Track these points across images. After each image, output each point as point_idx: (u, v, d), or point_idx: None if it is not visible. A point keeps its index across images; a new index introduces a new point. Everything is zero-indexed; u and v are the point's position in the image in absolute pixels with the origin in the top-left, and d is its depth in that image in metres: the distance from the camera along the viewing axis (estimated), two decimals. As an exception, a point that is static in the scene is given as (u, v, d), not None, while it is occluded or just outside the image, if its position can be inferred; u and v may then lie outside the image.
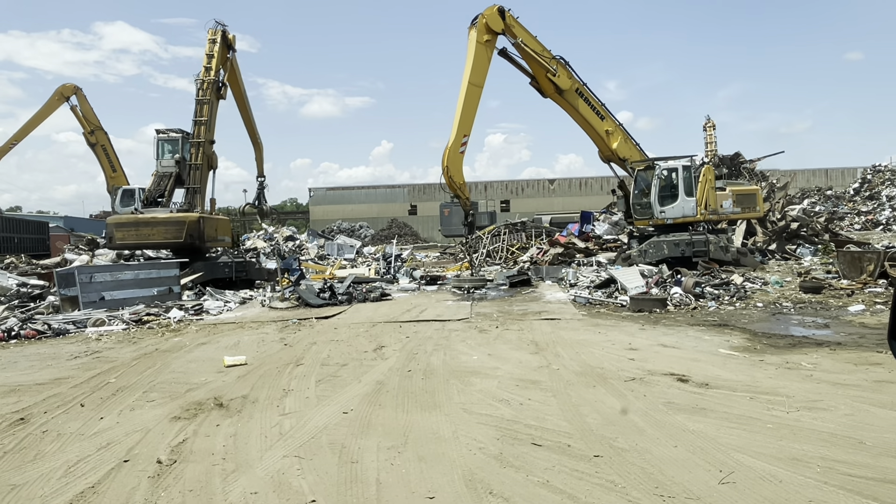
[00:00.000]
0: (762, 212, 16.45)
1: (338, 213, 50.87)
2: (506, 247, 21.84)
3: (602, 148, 15.23)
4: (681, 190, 14.52)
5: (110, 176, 24.84)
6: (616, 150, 14.97)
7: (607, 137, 14.96)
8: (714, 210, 14.77)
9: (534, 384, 5.54)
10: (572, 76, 14.61)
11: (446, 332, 8.61)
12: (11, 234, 26.89)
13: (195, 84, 16.30)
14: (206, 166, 16.26)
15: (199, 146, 15.99)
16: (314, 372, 6.30)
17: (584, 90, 14.81)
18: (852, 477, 3.31)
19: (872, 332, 7.46)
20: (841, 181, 46.42)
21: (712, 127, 38.75)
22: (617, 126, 15.07)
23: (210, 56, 16.47)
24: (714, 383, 5.34)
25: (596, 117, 14.93)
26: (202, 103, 16.12)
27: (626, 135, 15.18)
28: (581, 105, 14.77)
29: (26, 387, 6.07)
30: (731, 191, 15.33)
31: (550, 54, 14.40)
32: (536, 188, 52.96)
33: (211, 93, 16.19)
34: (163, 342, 8.57)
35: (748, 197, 15.58)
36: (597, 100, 14.96)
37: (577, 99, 14.74)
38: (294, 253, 24.57)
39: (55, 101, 24.12)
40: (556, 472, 3.54)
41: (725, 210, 15.13)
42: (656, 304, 10.09)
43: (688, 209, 14.51)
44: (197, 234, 15.09)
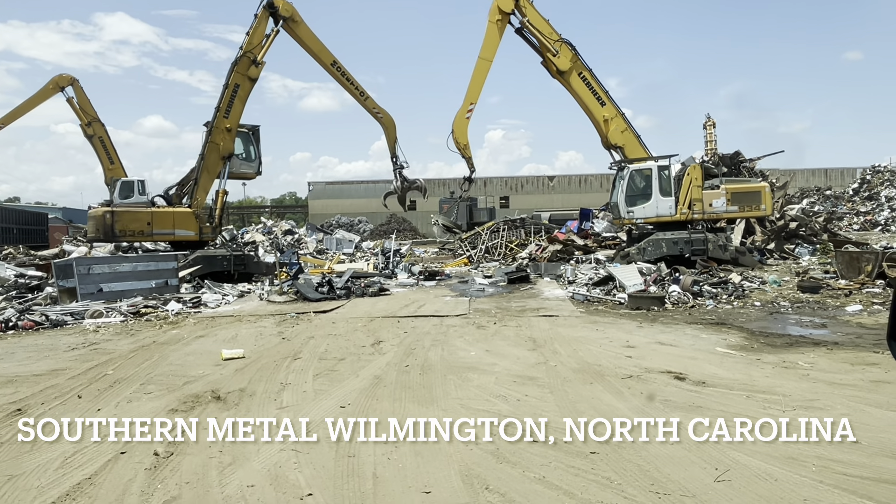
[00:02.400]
0: (769, 210, 15.73)
1: (337, 208, 50.75)
2: (505, 243, 21.85)
3: (601, 135, 15.65)
4: (655, 189, 14.75)
5: (108, 168, 24.77)
6: (609, 136, 15.31)
7: (605, 125, 15.30)
8: (701, 209, 14.83)
9: (531, 381, 5.55)
10: (575, 59, 15.11)
11: (444, 327, 8.61)
12: (10, 224, 26.86)
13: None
14: (216, 155, 15.89)
15: (208, 133, 15.75)
16: (312, 366, 6.30)
17: (588, 74, 15.23)
18: (848, 476, 3.33)
19: (869, 333, 7.48)
20: (840, 181, 46.44)
21: (712, 125, 37.95)
22: (617, 114, 15.29)
23: (246, 34, 15.81)
24: (711, 381, 5.35)
25: (595, 102, 15.28)
26: (225, 87, 15.76)
27: (627, 125, 15.35)
28: (581, 88, 15.25)
29: (23, 378, 6.06)
30: (727, 189, 14.99)
31: (557, 36, 15.07)
32: (536, 185, 52.91)
33: (232, 74, 15.71)
34: (160, 334, 8.57)
35: (749, 195, 15.17)
36: (600, 86, 15.28)
37: (578, 81, 15.26)
38: (292, 247, 24.57)
39: (49, 89, 23.97)
40: (552, 468, 3.55)
41: (716, 209, 14.91)
42: (654, 302, 10.10)
43: (663, 209, 14.74)
44: (104, 230, 15.64)
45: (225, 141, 15.98)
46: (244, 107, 16.21)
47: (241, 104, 15.99)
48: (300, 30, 16.21)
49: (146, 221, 15.95)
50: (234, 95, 15.81)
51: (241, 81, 15.87)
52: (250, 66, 15.84)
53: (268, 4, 15.66)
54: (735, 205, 14.84)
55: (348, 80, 16.99)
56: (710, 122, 37.41)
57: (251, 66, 15.85)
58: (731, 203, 14.84)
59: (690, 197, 14.67)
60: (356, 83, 17.18)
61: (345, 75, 16.86)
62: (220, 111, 15.75)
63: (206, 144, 15.84)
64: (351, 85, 17.06)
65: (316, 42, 16.44)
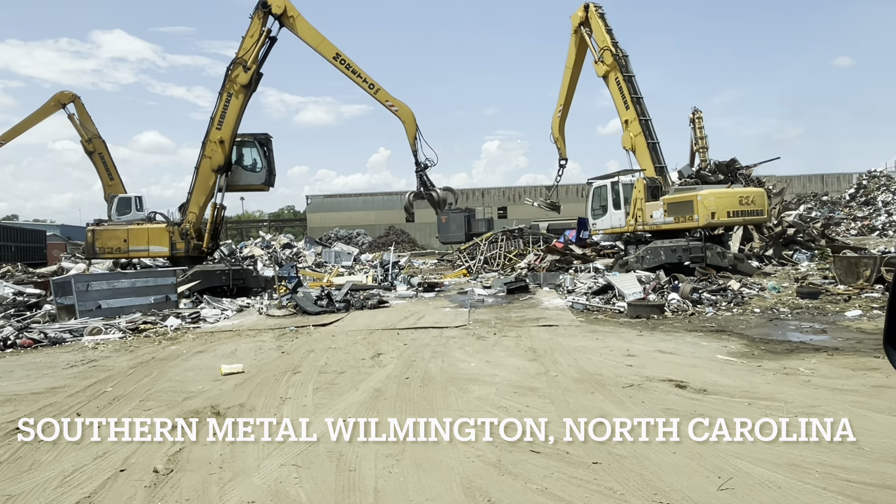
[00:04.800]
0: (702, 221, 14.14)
1: (335, 221, 50.80)
2: (503, 253, 21.87)
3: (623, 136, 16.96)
4: (609, 203, 16.54)
5: (107, 184, 24.85)
6: (623, 137, 16.43)
7: (624, 126, 16.35)
8: (643, 221, 15.67)
9: (532, 391, 5.53)
10: (614, 66, 16.30)
11: (444, 339, 8.59)
12: (8, 242, 26.82)
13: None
14: (208, 167, 15.52)
15: (202, 146, 15.48)
16: (312, 380, 6.28)
17: (622, 79, 16.28)
18: (851, 482, 3.31)
19: (870, 337, 7.47)
20: (836, 186, 46.60)
21: (700, 119, 33.58)
22: (635, 119, 15.96)
23: (242, 37, 15.18)
24: (712, 389, 5.34)
25: (622, 105, 16.39)
26: (218, 96, 15.34)
27: (642, 131, 15.92)
28: (614, 90, 16.55)
29: (22, 396, 6.03)
30: (664, 200, 15.13)
31: (607, 45, 16.36)
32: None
33: (224, 83, 15.28)
34: (160, 350, 8.54)
35: (682, 206, 14.63)
36: (630, 91, 16.28)
37: (612, 84, 16.62)
38: (291, 260, 24.55)
39: (51, 106, 24.09)
40: (554, 479, 3.53)
41: (656, 220, 15.22)
42: (654, 311, 10.10)
43: (615, 221, 16.35)
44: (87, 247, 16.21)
45: (215, 154, 15.47)
46: (240, 117, 15.64)
47: (234, 114, 15.42)
48: (297, 25, 15.27)
49: (123, 238, 15.91)
50: (227, 105, 15.34)
51: (232, 89, 15.32)
52: (240, 71, 15.22)
53: (261, 3, 15.08)
54: (671, 216, 14.83)
55: (354, 73, 15.47)
56: (696, 116, 33.65)
57: (241, 72, 15.23)
58: (667, 214, 14.94)
59: (635, 209, 15.74)
60: (364, 75, 15.48)
61: (350, 68, 15.41)
62: (213, 122, 15.38)
63: (200, 158, 15.63)
64: (358, 77, 15.49)
65: (315, 36, 15.38)
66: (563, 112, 19.22)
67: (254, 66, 15.35)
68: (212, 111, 15.57)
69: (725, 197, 14.39)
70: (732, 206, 14.27)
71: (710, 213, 13.98)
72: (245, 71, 15.26)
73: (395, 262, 19.50)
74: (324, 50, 15.37)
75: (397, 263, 20.51)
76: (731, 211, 14.17)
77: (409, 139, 15.93)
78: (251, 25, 15.26)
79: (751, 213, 14.56)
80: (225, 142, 15.49)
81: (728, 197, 14.40)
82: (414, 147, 15.98)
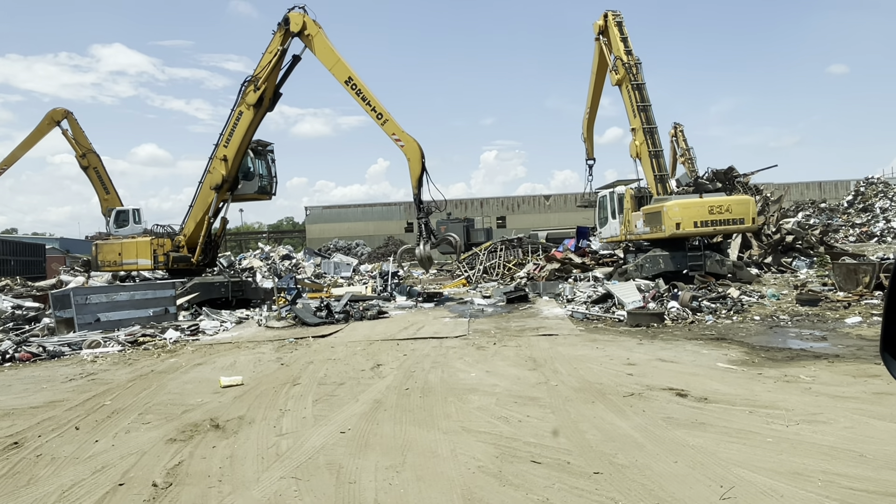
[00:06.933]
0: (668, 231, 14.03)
1: (334, 232, 50.89)
2: (502, 263, 21.87)
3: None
4: (609, 213, 17.32)
5: (104, 198, 24.90)
6: (630, 145, 16.38)
7: (632, 135, 16.35)
8: (628, 230, 16.15)
9: (532, 401, 5.51)
10: (625, 75, 16.21)
11: (444, 349, 8.57)
12: (7, 256, 26.78)
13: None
14: (209, 182, 15.51)
15: (209, 160, 15.48)
16: (311, 391, 6.26)
17: (631, 89, 16.23)
18: (854, 490, 3.30)
19: (870, 344, 7.47)
20: (834, 194, 46.75)
21: (681, 132, 32.89)
22: (641, 128, 15.88)
23: (262, 53, 14.92)
24: (713, 397, 5.33)
25: (630, 113, 16.31)
26: (230, 114, 15.22)
27: (645, 140, 15.76)
28: (626, 98, 16.41)
29: (20, 410, 6.00)
30: (644, 210, 15.29)
31: (621, 52, 16.34)
32: (532, 204, 53.21)
33: (237, 100, 15.08)
34: (158, 363, 8.51)
35: (653, 216, 14.68)
36: (640, 100, 16.15)
37: (624, 93, 16.47)
38: (290, 272, 24.53)
39: (46, 125, 24.21)
40: (555, 489, 3.51)
41: (639, 230, 15.45)
42: (653, 319, 10.09)
43: (614, 230, 16.99)
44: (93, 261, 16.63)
45: (216, 171, 15.35)
46: (248, 136, 15.36)
47: (242, 132, 15.15)
48: (315, 44, 14.58)
49: (118, 252, 16.16)
50: (237, 122, 15.13)
51: (243, 107, 15.06)
52: (251, 88, 14.84)
53: (283, 21, 14.61)
54: (647, 226, 14.94)
55: (364, 100, 14.39)
56: (678, 130, 33.09)
57: (251, 90, 14.83)
58: (645, 224, 15.09)
59: (626, 219, 16.29)
60: (374, 103, 14.31)
61: (360, 94, 14.36)
62: (222, 138, 15.30)
63: (204, 173, 15.69)
64: (367, 105, 14.36)
65: (331, 57, 14.55)
66: (591, 114, 19.76)
67: (264, 85, 14.92)
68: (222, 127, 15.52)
69: (692, 207, 14.00)
70: (700, 216, 13.92)
71: (675, 224, 13.84)
72: (255, 90, 14.89)
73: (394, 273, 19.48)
74: (337, 72, 14.59)
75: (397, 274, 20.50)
76: (698, 221, 13.81)
77: (412, 179, 14.16)
78: (271, 42, 14.88)
79: (725, 222, 14.14)
80: (229, 159, 15.25)
81: (695, 207, 14.00)
82: (417, 190, 14.12)
